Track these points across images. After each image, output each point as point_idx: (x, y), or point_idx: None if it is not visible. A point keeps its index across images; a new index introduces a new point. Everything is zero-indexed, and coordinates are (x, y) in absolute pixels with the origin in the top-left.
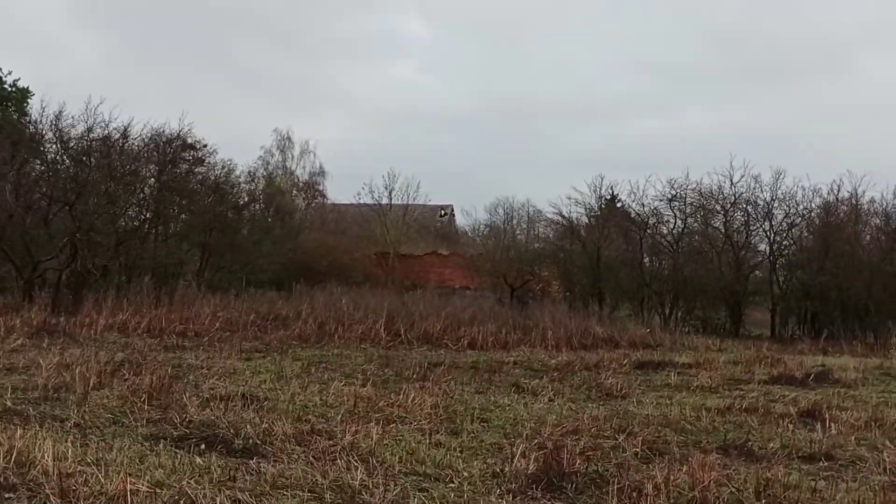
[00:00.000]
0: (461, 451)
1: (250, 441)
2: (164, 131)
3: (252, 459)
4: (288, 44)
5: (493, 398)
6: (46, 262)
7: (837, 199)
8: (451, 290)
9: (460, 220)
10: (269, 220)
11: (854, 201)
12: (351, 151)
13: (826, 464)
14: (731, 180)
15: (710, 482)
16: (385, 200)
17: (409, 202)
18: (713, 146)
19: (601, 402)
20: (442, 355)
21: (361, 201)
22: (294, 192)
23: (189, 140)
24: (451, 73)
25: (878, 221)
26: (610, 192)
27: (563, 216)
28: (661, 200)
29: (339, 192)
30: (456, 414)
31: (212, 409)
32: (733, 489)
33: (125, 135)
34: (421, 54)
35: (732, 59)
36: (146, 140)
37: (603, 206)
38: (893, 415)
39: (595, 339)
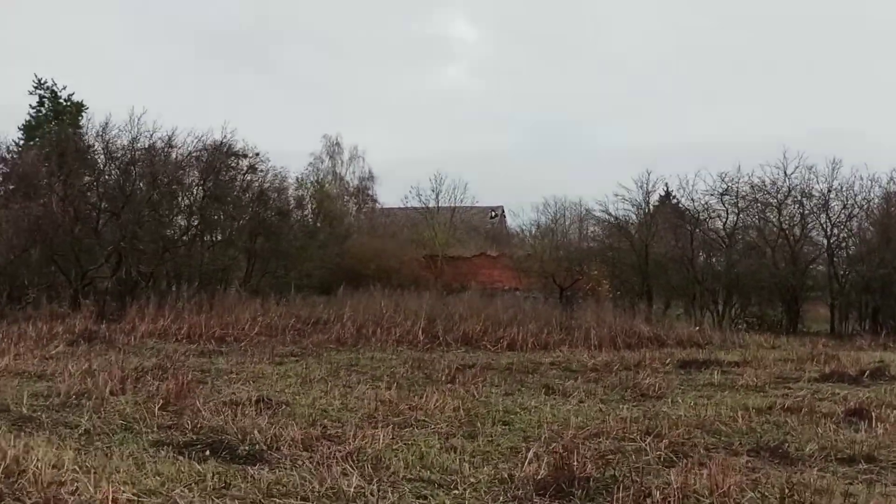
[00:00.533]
0: (474, 456)
1: (256, 447)
2: (207, 140)
3: (254, 466)
4: (335, 51)
5: (520, 400)
6: (93, 270)
7: None
8: (501, 292)
9: (511, 222)
10: (318, 225)
11: None
12: (402, 156)
13: (866, 466)
14: (785, 172)
15: (729, 487)
16: (432, 203)
17: (457, 204)
18: (766, 140)
19: (634, 403)
20: (479, 357)
21: (409, 205)
22: (346, 197)
23: (234, 148)
24: (499, 73)
25: None
26: (665, 188)
27: (609, 214)
28: (711, 195)
29: (390, 196)
30: (477, 417)
31: (225, 415)
32: (756, 494)
33: (170, 144)
34: (470, 56)
35: (793, 48)
36: (190, 149)
37: (650, 202)
38: None
39: (640, 339)
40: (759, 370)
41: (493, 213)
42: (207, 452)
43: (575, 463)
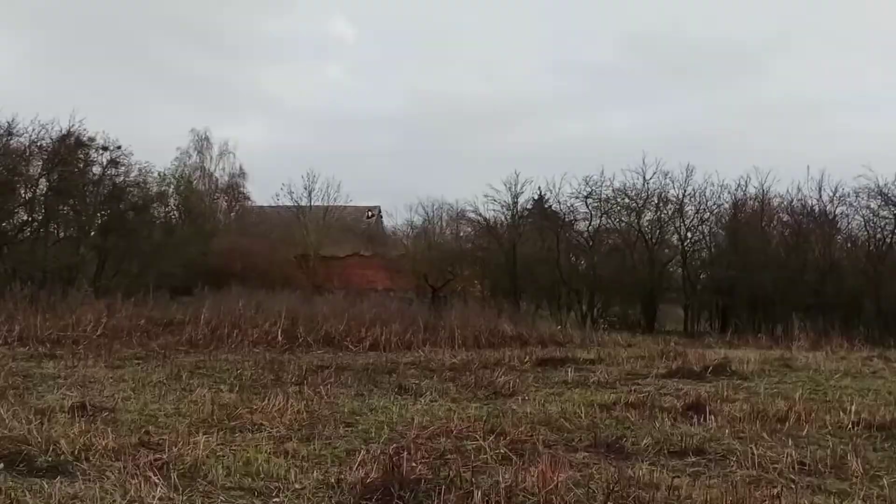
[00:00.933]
0: (306, 461)
1: (61, 457)
2: (53, 129)
3: (54, 479)
4: (210, 45)
5: (370, 401)
6: None
7: (745, 194)
8: (374, 292)
9: (387, 222)
10: (182, 222)
11: (762, 197)
12: (278, 154)
13: (695, 459)
14: (644, 177)
15: (558, 484)
16: (305, 202)
17: (331, 203)
18: (633, 145)
19: (485, 402)
20: (339, 357)
21: (280, 203)
22: (215, 194)
23: (83, 138)
24: (378, 74)
25: (784, 217)
26: (538, 191)
27: (479, 215)
28: (576, 198)
29: (265, 194)
30: (320, 419)
31: (32, 423)
32: (584, 490)
33: (10, 132)
34: (348, 56)
35: (653, 61)
36: (34, 138)
37: (518, 203)
38: (778, 405)
39: (504, 338)
40: (611, 367)
41: (370, 213)
42: (1, 465)
43: (405, 465)
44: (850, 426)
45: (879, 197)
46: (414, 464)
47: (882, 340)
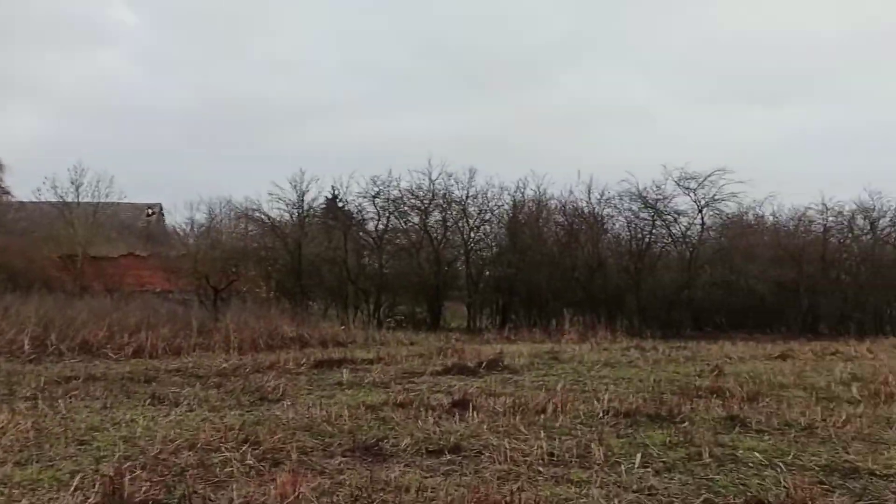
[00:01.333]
0: (17, 488)
1: None
2: None
3: None
4: None
5: (115, 414)
6: None
7: (524, 196)
8: (152, 294)
9: (169, 220)
10: None
11: (538, 199)
12: (47, 145)
13: (451, 457)
14: (430, 178)
15: (299, 494)
16: (71, 197)
17: (103, 200)
18: (424, 148)
19: (248, 409)
20: (94, 367)
21: (44, 198)
22: None
23: None
24: (161, 65)
25: (558, 218)
26: (332, 191)
27: (263, 213)
28: (364, 197)
29: (29, 188)
30: (49, 438)
31: None
32: (323, 500)
33: None
34: (127, 44)
35: (446, 67)
36: None
37: (305, 201)
38: (539, 398)
39: (284, 340)
40: (389, 366)
41: (150, 211)
42: None
43: (131, 485)
44: (600, 414)
45: (639, 200)
46: (146, 483)
47: (640, 332)
